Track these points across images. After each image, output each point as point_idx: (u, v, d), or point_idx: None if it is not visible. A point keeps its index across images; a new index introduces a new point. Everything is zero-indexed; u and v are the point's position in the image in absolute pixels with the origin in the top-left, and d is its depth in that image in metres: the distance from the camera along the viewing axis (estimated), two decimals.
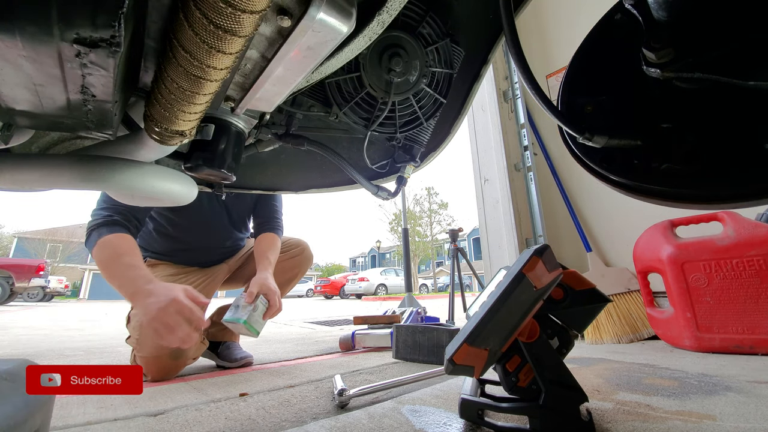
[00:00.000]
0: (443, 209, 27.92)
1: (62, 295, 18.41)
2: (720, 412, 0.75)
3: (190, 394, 1.06)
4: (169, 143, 0.61)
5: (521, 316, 0.63)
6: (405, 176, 1.26)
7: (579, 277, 0.74)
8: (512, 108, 2.59)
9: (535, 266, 0.62)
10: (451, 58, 1.10)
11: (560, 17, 2.56)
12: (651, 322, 1.69)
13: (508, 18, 0.70)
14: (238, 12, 0.36)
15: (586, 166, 0.70)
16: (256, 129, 0.97)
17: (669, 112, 0.62)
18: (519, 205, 2.36)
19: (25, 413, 0.41)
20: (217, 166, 0.77)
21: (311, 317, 4.73)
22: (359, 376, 1.27)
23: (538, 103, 0.69)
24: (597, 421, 0.71)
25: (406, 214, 6.25)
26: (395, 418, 0.77)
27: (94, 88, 0.43)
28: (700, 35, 0.54)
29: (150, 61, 0.53)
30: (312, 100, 1.04)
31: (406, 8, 0.97)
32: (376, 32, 0.68)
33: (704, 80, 0.55)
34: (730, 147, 0.55)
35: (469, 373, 0.63)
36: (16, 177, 0.70)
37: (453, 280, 2.95)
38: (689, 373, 1.11)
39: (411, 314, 2.18)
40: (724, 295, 1.42)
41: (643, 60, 0.59)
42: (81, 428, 0.81)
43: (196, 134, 0.70)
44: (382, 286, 15.06)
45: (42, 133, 0.82)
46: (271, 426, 0.80)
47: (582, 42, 0.78)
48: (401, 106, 1.09)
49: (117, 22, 0.33)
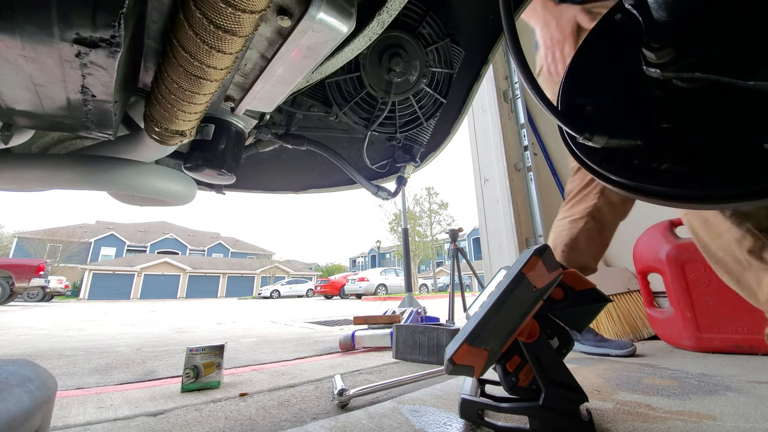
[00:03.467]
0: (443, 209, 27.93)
1: (62, 295, 18.41)
2: (720, 412, 0.75)
3: (190, 394, 1.06)
4: (169, 143, 0.61)
5: (521, 316, 0.63)
6: (405, 176, 1.26)
7: (579, 277, 0.74)
8: (512, 108, 2.59)
9: (535, 266, 0.62)
10: (451, 58, 1.10)
11: None
12: (651, 322, 1.69)
13: (508, 18, 0.70)
14: (238, 12, 0.36)
15: (586, 166, 0.70)
16: (256, 129, 0.97)
17: (669, 112, 0.62)
18: (519, 205, 2.36)
19: (25, 413, 0.41)
20: (217, 166, 0.77)
21: (311, 317, 4.73)
22: (359, 376, 1.27)
23: (538, 103, 0.69)
24: (597, 421, 0.71)
25: (406, 214, 6.26)
26: (395, 418, 0.77)
27: (94, 88, 0.43)
28: (700, 35, 0.54)
29: (150, 61, 0.53)
30: (312, 100, 1.04)
31: (406, 8, 0.97)
32: (376, 32, 0.68)
33: (704, 80, 0.55)
34: (730, 147, 0.55)
35: (469, 373, 0.63)
36: (16, 177, 0.70)
37: (453, 280, 2.95)
38: (689, 373, 1.11)
39: (411, 314, 2.18)
40: (724, 295, 1.42)
41: (643, 60, 0.59)
42: (81, 428, 0.81)
43: (196, 134, 0.71)
44: (382, 286, 15.07)
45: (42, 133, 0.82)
46: (271, 426, 0.80)
47: (582, 42, 0.78)
48: (401, 106, 1.09)
49: (117, 22, 0.33)
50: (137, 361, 1.70)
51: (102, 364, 1.63)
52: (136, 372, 1.45)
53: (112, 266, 26.71)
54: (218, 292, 30.31)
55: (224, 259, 35.05)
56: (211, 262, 32.85)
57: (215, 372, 1.15)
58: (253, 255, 38.73)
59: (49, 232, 30.46)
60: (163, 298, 26.24)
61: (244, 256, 38.29)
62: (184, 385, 1.10)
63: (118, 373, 1.43)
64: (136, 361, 1.70)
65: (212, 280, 30.45)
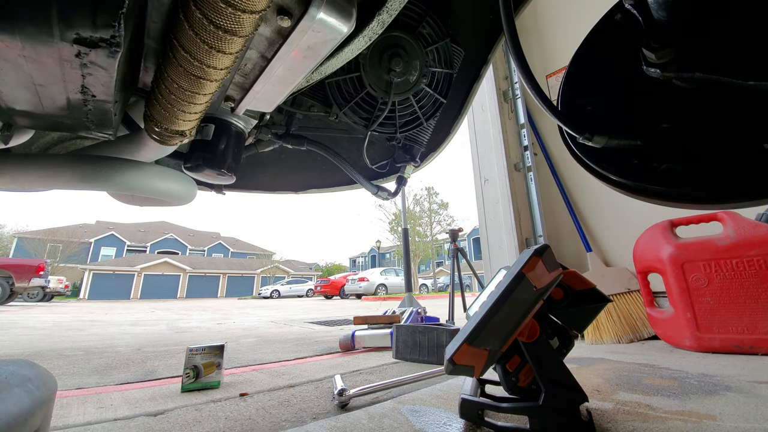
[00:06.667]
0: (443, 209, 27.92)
1: (62, 295, 18.40)
2: (720, 412, 0.75)
3: (190, 394, 1.06)
4: (169, 143, 0.61)
5: (521, 316, 0.63)
6: (405, 176, 1.26)
7: (579, 277, 0.74)
8: (512, 108, 2.59)
9: (535, 266, 0.62)
10: (451, 58, 1.10)
11: (560, 17, 2.56)
12: (651, 322, 1.69)
13: (508, 18, 0.70)
14: (238, 12, 0.36)
15: (586, 166, 0.70)
16: (256, 129, 0.97)
17: (669, 112, 0.62)
18: (519, 205, 2.36)
19: (25, 413, 0.41)
20: (217, 166, 0.77)
21: (311, 317, 4.73)
22: (359, 376, 1.27)
23: (538, 103, 0.69)
24: (597, 421, 0.71)
25: (406, 214, 6.27)
26: (395, 418, 0.77)
27: (94, 88, 0.43)
28: (700, 35, 0.53)
29: (150, 61, 0.53)
30: (312, 100, 1.04)
31: (406, 8, 0.97)
32: (376, 32, 0.69)
33: (704, 80, 0.55)
34: (730, 147, 0.55)
35: (469, 373, 0.63)
36: (16, 177, 0.70)
37: (453, 280, 2.95)
38: (689, 373, 1.11)
39: (411, 314, 2.18)
40: (724, 295, 1.42)
41: (643, 60, 0.59)
42: (81, 428, 0.81)
43: (196, 134, 0.71)
44: (382, 286, 15.06)
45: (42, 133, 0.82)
46: (271, 426, 0.80)
47: (582, 42, 0.78)
48: (401, 106, 1.09)
49: (117, 22, 0.33)
50: (137, 361, 1.70)
51: (102, 364, 1.63)
52: (136, 372, 1.45)
53: (112, 266, 26.71)
54: (218, 292, 30.32)
55: (224, 259, 35.06)
56: (211, 262, 32.86)
57: (215, 372, 1.15)
58: (253, 255, 38.74)
59: (49, 232, 30.46)
60: (163, 298, 26.24)
61: (244, 256, 38.30)
62: (184, 385, 1.10)
63: (118, 373, 1.43)
64: (136, 361, 1.70)
65: (212, 280, 30.45)
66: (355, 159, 1.32)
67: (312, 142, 1.06)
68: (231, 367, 1.49)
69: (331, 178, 1.43)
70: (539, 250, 0.64)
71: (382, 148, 1.29)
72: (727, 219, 1.48)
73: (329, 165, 1.36)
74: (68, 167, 0.72)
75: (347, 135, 1.17)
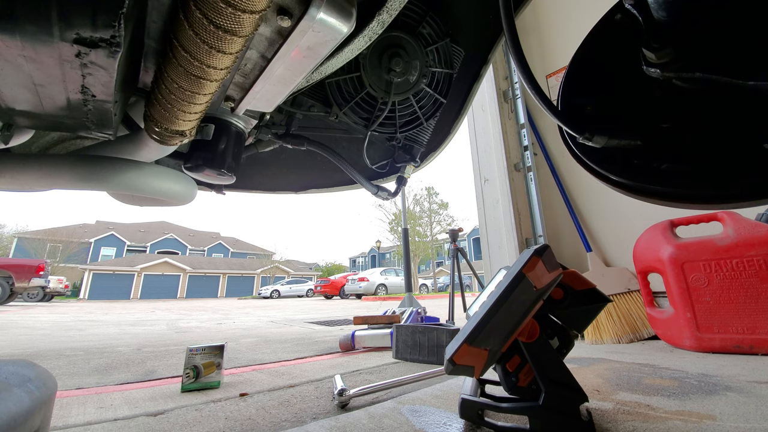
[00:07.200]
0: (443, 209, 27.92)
1: (62, 295, 18.40)
2: (720, 412, 0.75)
3: (190, 394, 1.06)
4: (169, 143, 0.61)
5: (521, 316, 0.63)
6: (405, 176, 1.26)
7: (579, 277, 0.74)
8: (512, 108, 2.59)
9: (535, 266, 0.62)
10: (451, 58, 1.10)
11: (560, 17, 2.56)
12: (651, 322, 1.69)
13: (508, 18, 0.70)
14: (238, 12, 0.36)
15: (586, 166, 0.70)
16: (256, 129, 0.97)
17: (669, 112, 0.62)
18: (519, 205, 2.36)
19: (25, 413, 0.41)
20: (217, 166, 0.77)
21: (311, 317, 4.73)
22: (359, 376, 1.27)
23: (538, 103, 0.69)
24: (597, 421, 0.71)
25: (406, 214, 6.27)
26: (395, 418, 0.77)
27: (94, 88, 0.43)
28: (700, 35, 0.53)
29: (150, 61, 0.53)
30: (312, 100, 1.04)
31: (406, 8, 0.97)
32: (376, 32, 0.69)
33: (704, 80, 0.55)
34: (730, 147, 0.55)
35: (469, 373, 0.63)
36: (16, 177, 0.70)
37: (453, 280, 2.95)
38: (689, 373, 1.11)
39: (411, 314, 2.18)
40: (724, 295, 1.42)
41: (643, 60, 0.59)
42: (81, 428, 0.81)
43: (196, 134, 0.71)
44: (382, 286, 15.06)
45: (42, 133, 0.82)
46: (271, 426, 0.80)
47: (582, 42, 0.78)
48: (401, 106, 1.09)
49: (117, 22, 0.33)
50: (137, 361, 1.70)
51: (102, 364, 1.63)
52: (136, 372, 1.45)
53: (112, 266, 26.71)
54: (218, 292, 30.32)
55: (224, 259, 35.05)
56: (211, 262, 32.85)
57: (215, 372, 1.15)
58: (253, 255, 38.73)
59: (49, 232, 30.46)
60: (163, 298, 26.23)
61: (244, 256, 38.29)
62: (184, 385, 1.10)
63: (118, 373, 1.43)
64: (136, 361, 1.70)
65: (212, 280, 30.45)
66: (355, 159, 1.32)
67: (312, 142, 1.06)
68: (231, 367, 1.49)
69: (331, 178, 1.43)
70: (539, 250, 0.64)
71: (382, 148, 1.29)
72: (727, 219, 1.48)
73: (329, 165, 1.36)
74: (68, 167, 0.72)
75: (347, 135, 1.17)
